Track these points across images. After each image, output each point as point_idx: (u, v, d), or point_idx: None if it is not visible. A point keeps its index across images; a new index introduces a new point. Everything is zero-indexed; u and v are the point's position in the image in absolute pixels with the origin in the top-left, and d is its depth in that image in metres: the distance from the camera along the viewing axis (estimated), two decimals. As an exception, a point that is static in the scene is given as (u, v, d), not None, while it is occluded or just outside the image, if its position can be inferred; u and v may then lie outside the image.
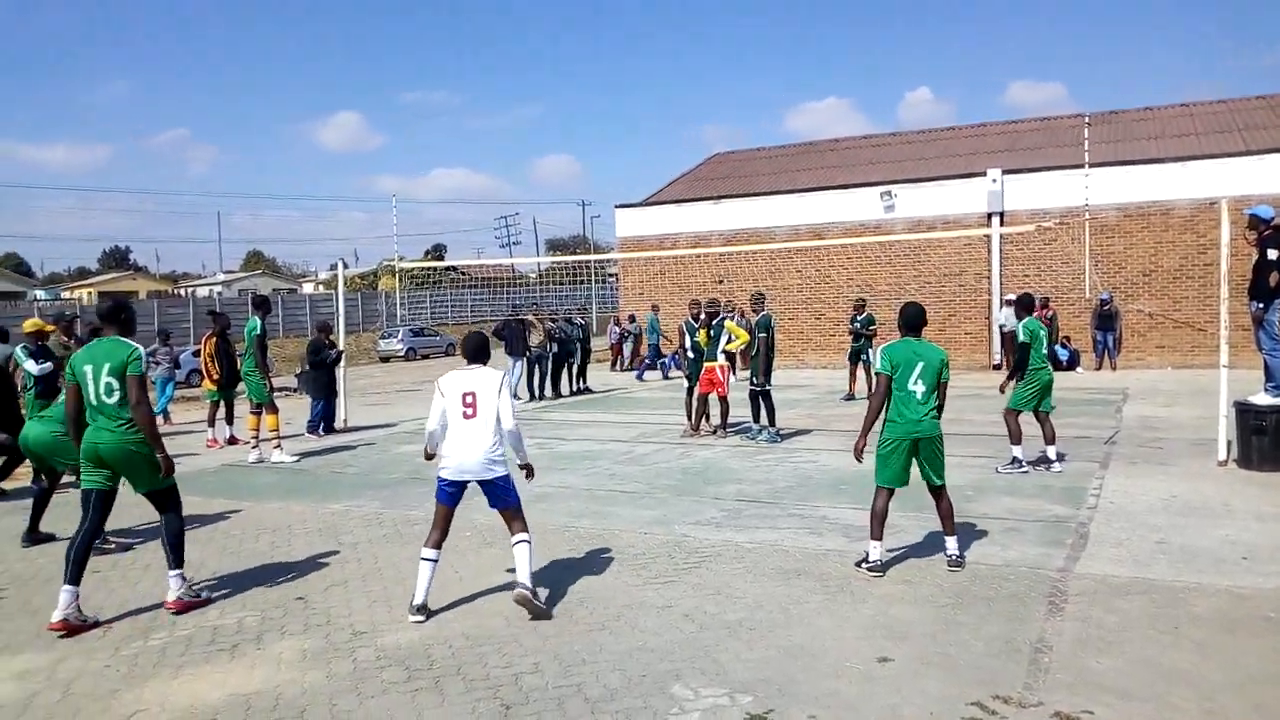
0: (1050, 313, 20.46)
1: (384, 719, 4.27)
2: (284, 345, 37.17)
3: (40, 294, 66.26)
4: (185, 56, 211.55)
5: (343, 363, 14.85)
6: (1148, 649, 4.83)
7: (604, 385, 21.10)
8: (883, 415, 6.31)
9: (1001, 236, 21.51)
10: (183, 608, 5.86)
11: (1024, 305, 10.12)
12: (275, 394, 12.44)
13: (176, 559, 5.95)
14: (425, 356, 36.80)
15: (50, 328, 11.14)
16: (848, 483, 9.26)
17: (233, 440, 13.39)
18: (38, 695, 4.65)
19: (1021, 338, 9.63)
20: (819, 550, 6.85)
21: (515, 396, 17.12)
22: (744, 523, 7.77)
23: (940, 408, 6.34)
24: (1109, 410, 14.10)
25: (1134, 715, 4.09)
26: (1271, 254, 9.15)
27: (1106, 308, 20.62)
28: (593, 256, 50.01)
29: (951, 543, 6.39)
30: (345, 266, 19.18)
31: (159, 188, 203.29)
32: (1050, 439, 9.70)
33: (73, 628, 5.56)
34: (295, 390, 21.67)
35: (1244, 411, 9.48)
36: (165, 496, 5.98)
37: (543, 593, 5.87)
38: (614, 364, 26.35)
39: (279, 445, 11.70)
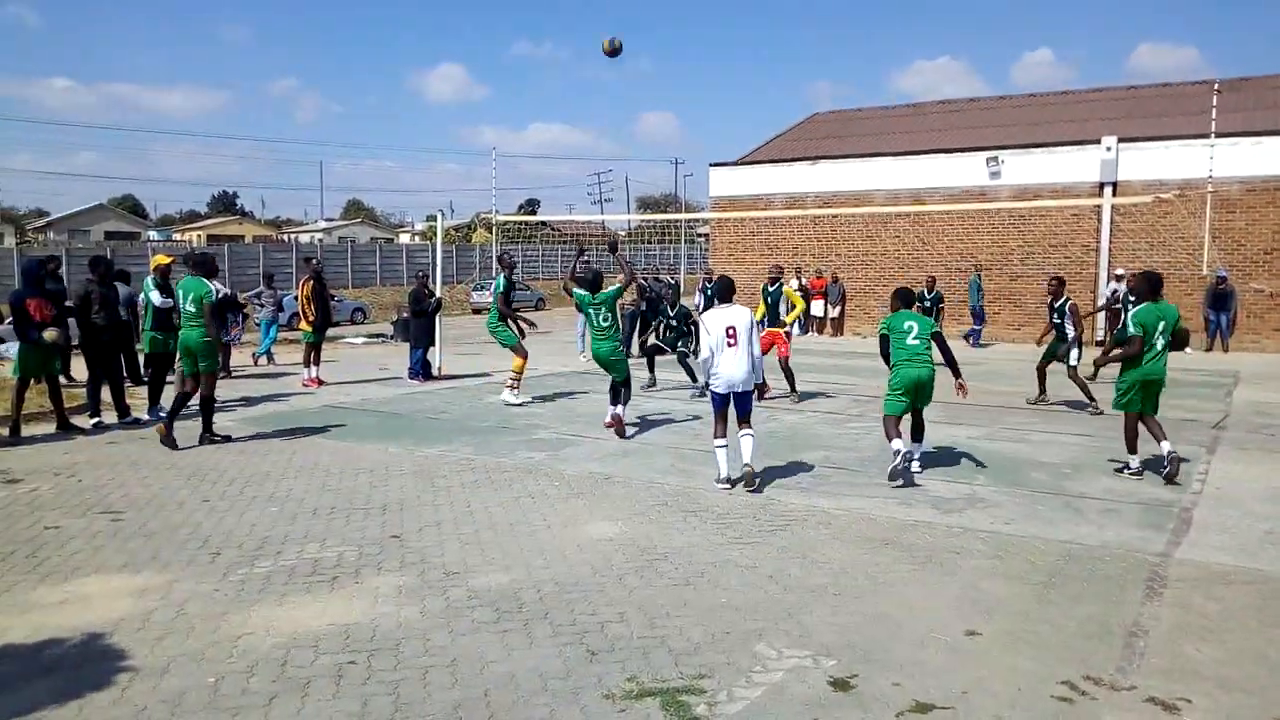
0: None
1: (474, 656, 4.41)
2: (379, 294, 38.14)
3: (154, 235, 69.37)
4: (298, 3, 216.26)
5: (440, 312, 15.15)
6: (1253, 640, 4.65)
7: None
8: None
9: (1113, 208, 20.60)
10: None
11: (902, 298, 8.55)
12: (385, 340, 12.74)
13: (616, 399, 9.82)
14: (516, 310, 37.19)
15: (170, 259, 11.76)
16: (938, 455, 9.10)
17: (320, 381, 13.80)
18: (155, 612, 4.95)
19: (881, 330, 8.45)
20: (907, 521, 6.77)
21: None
22: (831, 489, 7.72)
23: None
24: (1219, 394, 13.49)
25: (1236, 708, 3.96)
26: None
27: (1222, 286, 19.63)
28: (683, 215, 49.87)
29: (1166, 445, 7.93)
30: (444, 217, 19.49)
31: (267, 135, 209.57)
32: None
33: None
34: (391, 337, 22.26)
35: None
36: None
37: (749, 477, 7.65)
38: (702, 324, 26.28)
39: (514, 387, 12.22)
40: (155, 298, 11.00)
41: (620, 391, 10.20)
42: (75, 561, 5.77)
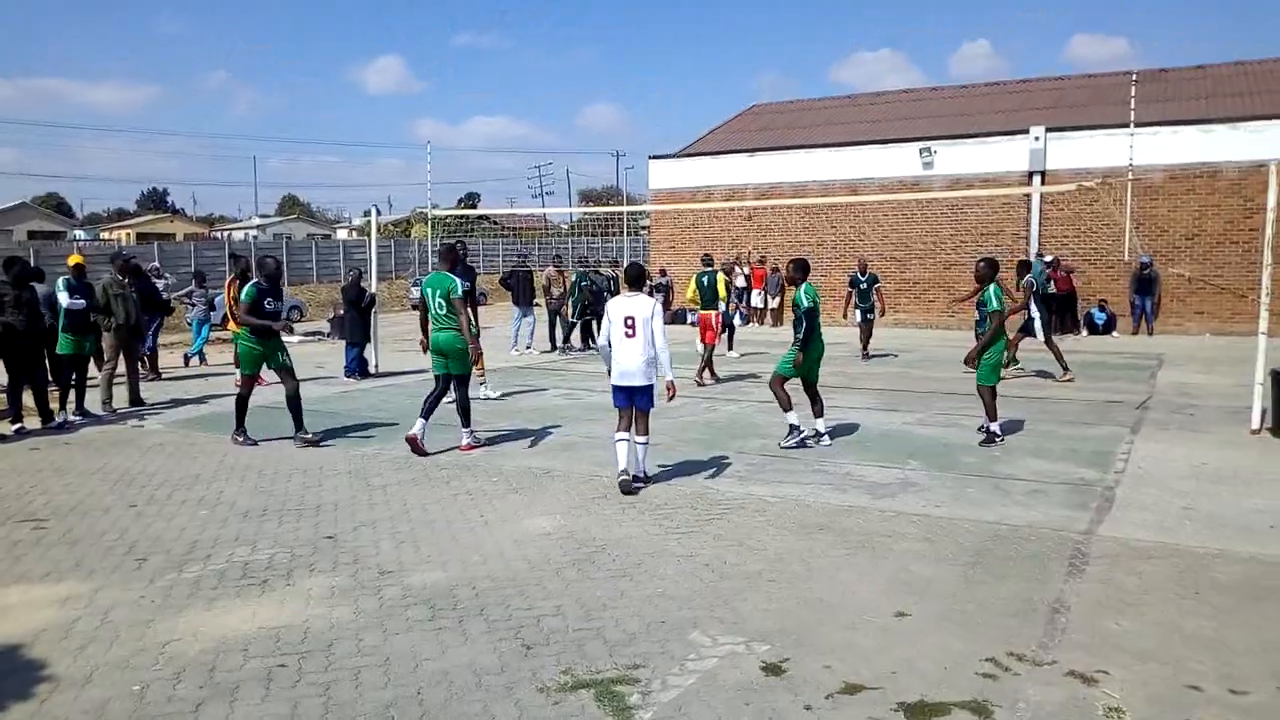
0: (1068, 268, 20.37)
1: (408, 655, 4.38)
2: (317, 290, 37.50)
3: (80, 234, 67.27)
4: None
5: (375, 308, 14.94)
6: (1168, 612, 4.82)
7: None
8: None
9: (1041, 196, 21.10)
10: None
11: (801, 269, 9.15)
12: (322, 338, 12.50)
13: (465, 420, 8.96)
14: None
15: (79, 259, 11.38)
16: (872, 441, 9.26)
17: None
18: (78, 621, 4.82)
19: (805, 304, 8.89)
20: (841, 506, 6.87)
21: (527, 348, 17.23)
22: (767, 477, 7.80)
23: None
24: (1143, 375, 13.92)
25: (1151, 677, 4.10)
26: None
27: (1146, 271, 20.22)
28: (625, 208, 49.79)
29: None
30: (379, 213, 19.23)
31: (198, 130, 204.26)
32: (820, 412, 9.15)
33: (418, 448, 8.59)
34: (328, 335, 21.91)
35: (1281, 379, 9.32)
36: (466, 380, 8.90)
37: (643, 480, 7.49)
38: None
39: (483, 382, 12.07)
40: (63, 299, 10.64)
41: (438, 399, 8.87)
42: (-7, 572, 5.59)
